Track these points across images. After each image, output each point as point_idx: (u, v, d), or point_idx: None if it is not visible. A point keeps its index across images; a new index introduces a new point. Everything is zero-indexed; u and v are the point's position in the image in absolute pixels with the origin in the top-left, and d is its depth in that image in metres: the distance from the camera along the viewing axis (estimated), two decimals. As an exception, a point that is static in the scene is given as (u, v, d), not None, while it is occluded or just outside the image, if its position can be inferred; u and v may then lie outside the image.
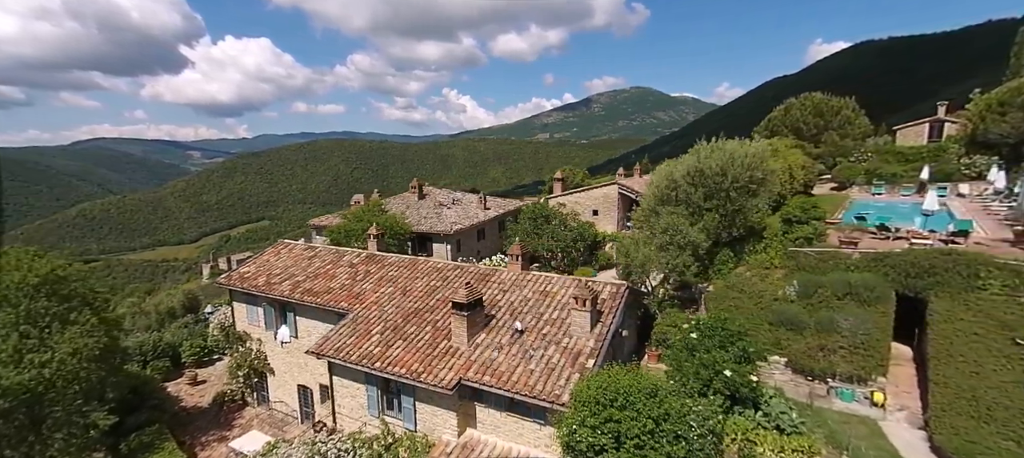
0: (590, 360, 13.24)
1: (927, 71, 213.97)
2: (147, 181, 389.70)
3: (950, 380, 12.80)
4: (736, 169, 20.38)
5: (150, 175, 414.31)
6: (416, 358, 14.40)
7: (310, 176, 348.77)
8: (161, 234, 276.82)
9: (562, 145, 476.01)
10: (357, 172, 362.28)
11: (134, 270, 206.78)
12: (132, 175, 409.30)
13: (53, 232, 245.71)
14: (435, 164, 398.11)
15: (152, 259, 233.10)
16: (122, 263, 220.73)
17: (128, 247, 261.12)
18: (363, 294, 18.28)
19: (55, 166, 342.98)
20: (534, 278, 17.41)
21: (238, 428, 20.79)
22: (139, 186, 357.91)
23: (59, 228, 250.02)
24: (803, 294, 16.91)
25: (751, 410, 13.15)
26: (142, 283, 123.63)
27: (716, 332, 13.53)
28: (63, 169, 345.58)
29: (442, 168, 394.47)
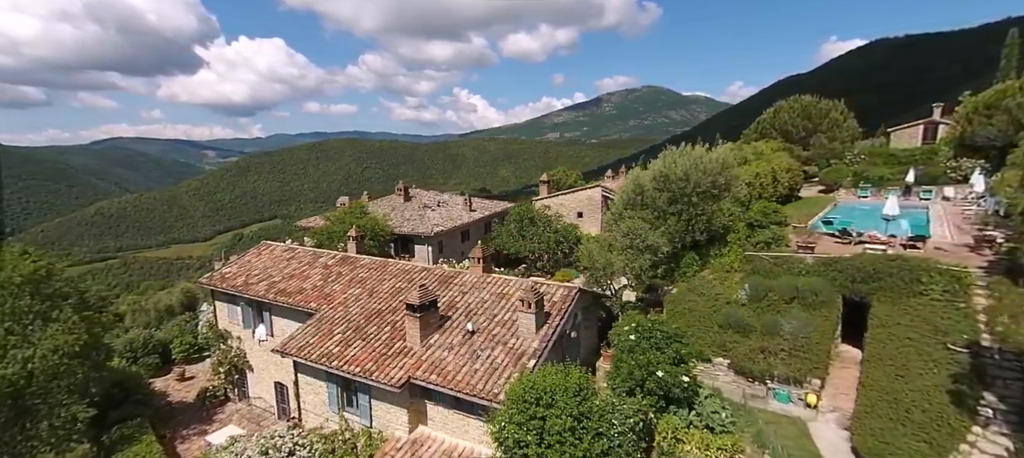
0: (531, 360, 13.81)
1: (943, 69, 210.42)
2: (163, 180, 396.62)
3: (877, 383, 13.16)
4: (698, 174, 20.77)
5: (166, 174, 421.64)
6: (371, 357, 15.09)
7: (322, 175, 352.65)
8: (176, 232, 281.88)
9: (572, 145, 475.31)
10: (367, 171, 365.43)
11: (149, 267, 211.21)
12: (148, 174, 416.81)
13: (72, 229, 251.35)
14: (445, 163, 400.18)
15: (167, 256, 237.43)
16: (138, 260, 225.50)
17: (144, 245, 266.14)
18: (332, 295, 19.04)
19: (74, 165, 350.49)
20: (493, 281, 18.00)
21: (217, 423, 21.65)
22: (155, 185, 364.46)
23: (78, 225, 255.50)
24: (754, 297, 17.30)
25: (685, 410, 13.62)
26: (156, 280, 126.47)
27: (653, 334, 14.01)
28: (82, 168, 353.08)
29: (452, 167, 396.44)
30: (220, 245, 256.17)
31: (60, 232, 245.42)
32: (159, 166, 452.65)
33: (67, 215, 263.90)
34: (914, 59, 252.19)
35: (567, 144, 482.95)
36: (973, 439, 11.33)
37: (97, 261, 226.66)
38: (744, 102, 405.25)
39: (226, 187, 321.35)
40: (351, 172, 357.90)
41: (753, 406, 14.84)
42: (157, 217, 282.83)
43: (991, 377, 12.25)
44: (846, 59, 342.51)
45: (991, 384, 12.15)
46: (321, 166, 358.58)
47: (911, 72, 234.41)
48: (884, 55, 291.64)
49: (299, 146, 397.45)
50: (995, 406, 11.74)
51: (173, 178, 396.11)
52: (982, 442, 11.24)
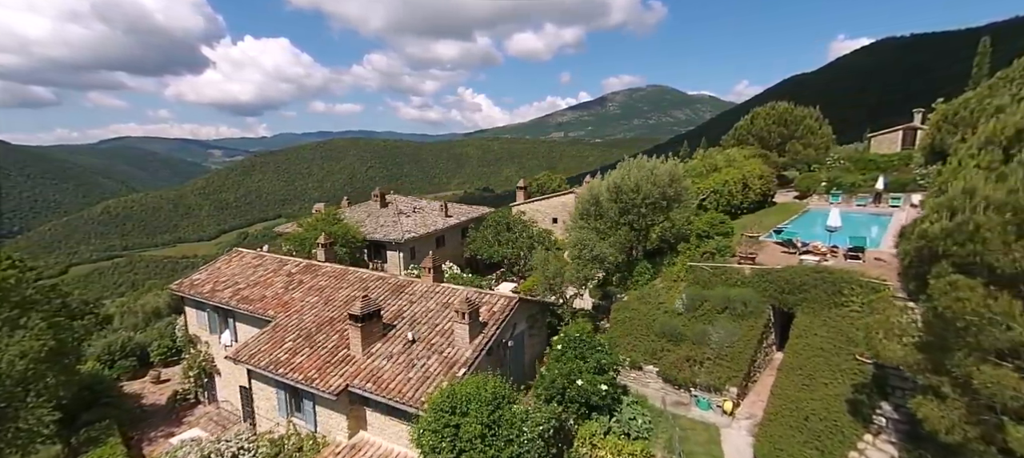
0: (462, 369, 14.48)
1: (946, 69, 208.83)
2: (170, 179, 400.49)
3: (785, 391, 13.73)
4: (648, 186, 21.34)
5: (173, 173, 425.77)
6: (315, 365, 15.80)
7: (326, 175, 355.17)
8: (182, 231, 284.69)
9: (575, 144, 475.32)
10: (372, 171, 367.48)
11: (155, 266, 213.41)
12: (155, 173, 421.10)
13: (79, 228, 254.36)
14: (449, 163, 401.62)
15: (172, 255, 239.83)
16: (143, 259, 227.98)
17: (150, 243, 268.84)
18: (290, 302, 19.78)
19: (82, 164, 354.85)
20: (442, 290, 18.66)
21: (186, 425, 22.46)
22: (162, 184, 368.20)
23: (85, 224, 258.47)
24: (690, 307, 17.87)
25: (606, 417, 14.24)
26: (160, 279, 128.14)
27: (578, 344, 14.64)
28: (90, 167, 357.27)
29: (456, 167, 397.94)
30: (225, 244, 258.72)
31: (67, 231, 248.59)
32: (166, 165, 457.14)
33: (74, 214, 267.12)
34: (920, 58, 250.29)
35: (571, 144, 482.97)
36: (863, 447, 11.90)
37: (103, 260, 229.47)
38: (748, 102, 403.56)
39: (231, 186, 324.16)
40: (356, 171, 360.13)
41: (676, 413, 15.43)
42: (163, 216, 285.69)
43: (892, 387, 12.78)
44: (852, 58, 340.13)
45: (891, 394, 12.69)
46: (326, 165, 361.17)
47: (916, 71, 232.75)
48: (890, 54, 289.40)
49: (304, 145, 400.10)
50: (889, 415, 12.29)
51: (180, 177, 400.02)
52: (871, 450, 11.79)
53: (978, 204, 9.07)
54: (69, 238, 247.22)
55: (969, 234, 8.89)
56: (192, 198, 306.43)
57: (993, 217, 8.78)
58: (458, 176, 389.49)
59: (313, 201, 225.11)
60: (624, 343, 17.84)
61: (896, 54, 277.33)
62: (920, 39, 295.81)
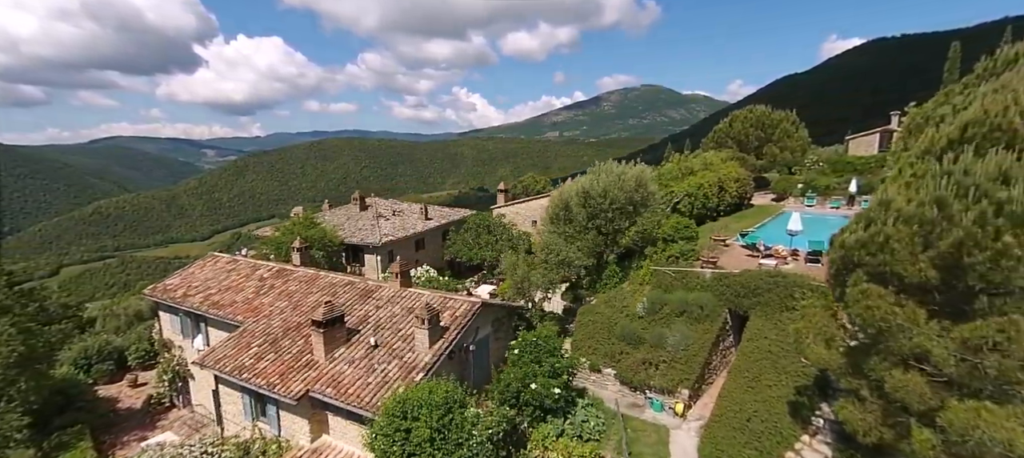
0: (420, 374, 14.81)
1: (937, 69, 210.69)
2: (162, 179, 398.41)
3: (731, 393, 14.15)
4: (615, 192, 21.73)
5: (165, 173, 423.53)
6: (278, 371, 16.08)
7: (320, 175, 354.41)
8: (174, 231, 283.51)
9: (570, 144, 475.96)
10: (366, 170, 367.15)
11: (147, 267, 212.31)
12: (148, 173, 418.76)
13: (70, 229, 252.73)
14: (443, 162, 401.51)
15: (165, 256, 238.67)
16: (135, 260, 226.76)
17: (143, 244, 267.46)
18: (260, 307, 20.05)
19: (73, 164, 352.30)
20: (408, 295, 18.98)
21: (159, 429, 22.68)
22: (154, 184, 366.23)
23: (76, 225, 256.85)
24: (651, 310, 18.27)
25: (560, 419, 14.62)
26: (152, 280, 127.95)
27: (534, 348, 15.00)
28: (81, 167, 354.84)
29: (450, 166, 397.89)
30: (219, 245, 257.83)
31: (58, 231, 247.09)
32: (159, 165, 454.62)
33: (65, 215, 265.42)
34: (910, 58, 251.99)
35: (566, 143, 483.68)
36: (800, 447, 12.32)
37: (94, 261, 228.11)
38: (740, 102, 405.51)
39: (224, 186, 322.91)
40: (350, 171, 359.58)
41: (631, 414, 15.83)
42: (155, 216, 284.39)
43: (832, 390, 13.21)
44: (844, 58, 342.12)
45: (831, 396, 13.12)
46: (320, 165, 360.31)
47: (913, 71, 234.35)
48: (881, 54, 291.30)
49: (298, 145, 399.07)
50: (826, 417, 12.72)
51: (173, 177, 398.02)
52: (806, 450, 12.21)
53: (891, 216, 9.49)
54: (60, 239, 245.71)
55: (880, 245, 9.30)
56: (185, 198, 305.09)
57: (902, 229, 9.19)
58: (453, 176, 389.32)
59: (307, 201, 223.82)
60: (585, 346, 18.23)
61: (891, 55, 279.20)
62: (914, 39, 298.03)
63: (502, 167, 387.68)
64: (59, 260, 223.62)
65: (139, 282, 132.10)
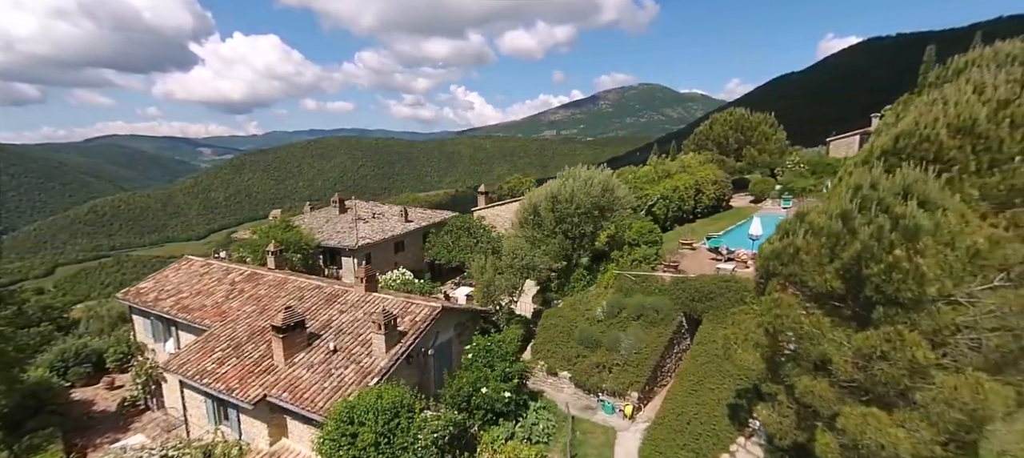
0: (374, 379, 15.14)
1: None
2: (159, 178, 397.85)
3: (675, 396, 14.51)
4: (581, 197, 22.06)
5: (162, 172, 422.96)
6: (238, 375, 16.39)
7: (317, 173, 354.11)
8: (170, 230, 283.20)
9: (568, 142, 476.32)
10: (363, 169, 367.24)
11: (143, 266, 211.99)
12: (144, 171, 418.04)
13: (65, 228, 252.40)
14: (441, 161, 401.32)
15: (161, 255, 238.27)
16: (131, 259, 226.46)
17: (138, 243, 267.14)
18: (228, 312, 20.35)
19: (69, 162, 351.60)
20: (372, 299, 19.27)
21: (132, 431, 22.99)
22: (150, 183, 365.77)
23: (72, 224, 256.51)
24: (610, 314, 18.62)
25: (511, 423, 14.97)
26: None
27: (487, 353, 15.34)
28: (77, 166, 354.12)
29: (448, 165, 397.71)
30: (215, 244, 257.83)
31: (53, 231, 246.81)
32: (155, 163, 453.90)
33: (60, 214, 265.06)
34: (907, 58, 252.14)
35: (563, 142, 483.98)
36: (734, 449, 12.68)
37: (90, 260, 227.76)
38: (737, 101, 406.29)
39: (221, 185, 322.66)
40: (347, 170, 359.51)
41: (583, 417, 16.18)
42: (151, 215, 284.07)
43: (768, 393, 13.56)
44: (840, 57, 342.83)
45: (768, 401, 13.47)
46: (317, 164, 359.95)
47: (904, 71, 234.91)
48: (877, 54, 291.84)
49: (294, 144, 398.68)
50: (762, 421, 13.07)
51: (169, 176, 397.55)
52: (741, 452, 12.57)
53: (803, 228, 9.84)
54: (55, 238, 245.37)
55: (791, 255, 9.65)
56: (181, 197, 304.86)
57: (812, 241, 9.55)
58: (450, 175, 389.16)
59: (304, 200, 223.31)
60: (545, 350, 18.58)
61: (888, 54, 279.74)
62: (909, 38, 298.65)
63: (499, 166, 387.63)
64: (54, 259, 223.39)
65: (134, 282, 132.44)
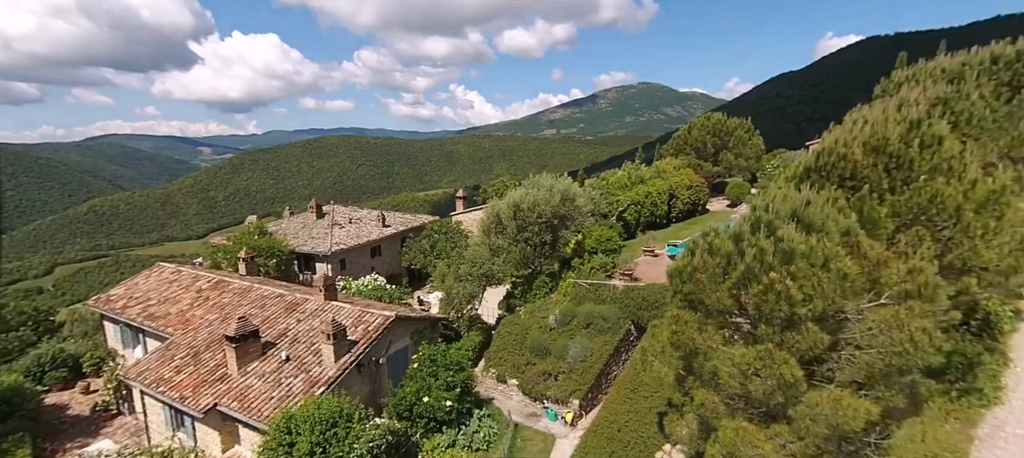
0: (321, 388, 15.57)
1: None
2: (158, 177, 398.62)
3: (611, 404, 14.93)
4: (541, 206, 22.48)
5: (161, 171, 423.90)
6: (192, 384, 16.84)
7: (316, 172, 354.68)
8: (169, 230, 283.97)
9: (567, 141, 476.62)
10: (362, 168, 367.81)
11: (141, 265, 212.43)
12: (143, 171, 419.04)
13: (64, 228, 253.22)
14: (440, 161, 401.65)
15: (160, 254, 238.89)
16: (130, 259, 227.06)
17: (137, 243, 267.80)
18: (191, 320, 20.79)
19: (68, 162, 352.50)
20: (330, 308, 19.68)
21: (103, 436, 23.45)
22: (149, 182, 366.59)
23: (71, 224, 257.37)
24: (562, 322, 19.03)
25: (454, 430, 15.40)
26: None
27: (431, 362, 15.76)
28: (76, 165, 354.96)
29: (447, 165, 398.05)
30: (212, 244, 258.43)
31: (52, 230, 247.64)
32: (154, 163, 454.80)
33: (59, 213, 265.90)
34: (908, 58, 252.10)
35: (562, 141, 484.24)
36: (660, 456, 13.10)
37: (89, 260, 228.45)
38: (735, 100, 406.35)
39: (220, 184, 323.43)
40: (345, 169, 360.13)
41: (527, 424, 16.61)
42: (150, 215, 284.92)
43: (699, 406, 14.00)
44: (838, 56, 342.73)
45: (699, 411, 13.90)
46: (316, 163, 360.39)
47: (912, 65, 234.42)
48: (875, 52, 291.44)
49: (293, 144, 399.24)
50: (689, 429, 13.49)
51: (168, 175, 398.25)
52: (665, 458, 13.02)
53: (703, 247, 10.25)
54: (54, 237, 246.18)
55: (689, 274, 10.07)
56: (180, 197, 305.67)
57: (709, 260, 9.96)
58: (449, 174, 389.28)
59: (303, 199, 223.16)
60: (498, 357, 18.99)
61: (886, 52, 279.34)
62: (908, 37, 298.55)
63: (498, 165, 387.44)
64: (53, 259, 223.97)
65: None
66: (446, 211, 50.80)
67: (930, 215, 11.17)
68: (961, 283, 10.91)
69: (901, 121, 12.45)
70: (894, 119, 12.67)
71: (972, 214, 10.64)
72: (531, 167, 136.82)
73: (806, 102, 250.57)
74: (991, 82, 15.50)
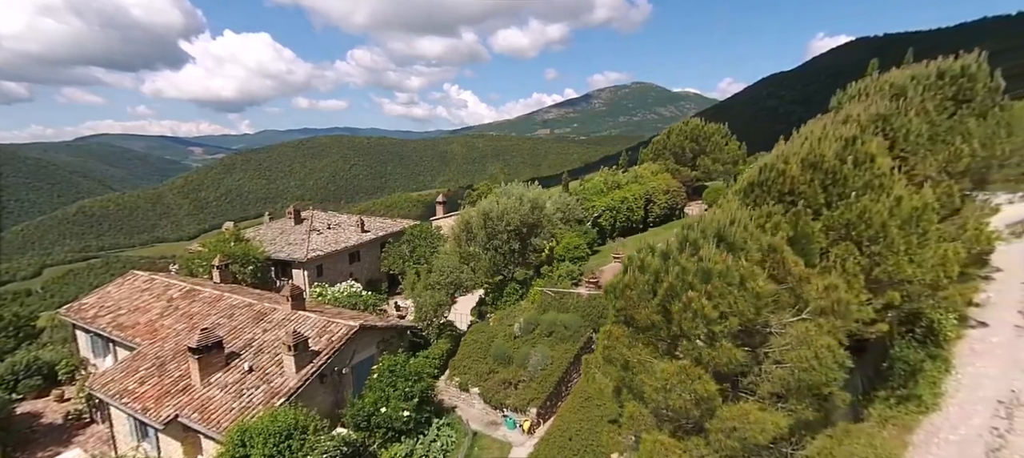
0: (280, 399, 15.78)
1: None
2: (149, 177, 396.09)
3: (566, 413, 15.26)
4: (510, 215, 22.76)
5: (152, 171, 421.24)
6: (155, 395, 16.98)
7: (308, 173, 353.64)
8: (160, 231, 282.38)
9: (560, 141, 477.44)
10: (355, 168, 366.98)
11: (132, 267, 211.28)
12: (134, 171, 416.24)
13: (53, 229, 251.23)
14: (433, 161, 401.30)
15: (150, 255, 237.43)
16: (120, 260, 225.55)
17: (127, 244, 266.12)
18: (159, 330, 20.92)
19: (57, 162, 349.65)
20: (297, 317, 19.87)
21: (75, 444, 23.54)
22: (140, 182, 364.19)
23: (60, 225, 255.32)
24: (526, 331, 19.32)
25: (412, 440, 15.66)
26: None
27: (390, 373, 16.01)
28: (65, 165, 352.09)
29: (441, 165, 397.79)
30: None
31: (41, 231, 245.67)
32: (145, 163, 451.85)
33: (49, 214, 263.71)
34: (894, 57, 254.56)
35: (556, 141, 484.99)
36: (608, 466, 13.47)
37: (78, 261, 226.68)
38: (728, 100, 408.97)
39: (211, 185, 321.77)
40: (338, 169, 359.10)
41: (486, 433, 16.90)
42: (141, 215, 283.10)
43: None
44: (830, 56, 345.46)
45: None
46: (308, 163, 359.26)
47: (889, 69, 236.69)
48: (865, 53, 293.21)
49: (286, 144, 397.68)
50: (636, 440, 13.85)
51: (159, 175, 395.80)
52: (613, 470, 13.35)
53: (634, 265, 10.56)
54: (43, 238, 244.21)
55: (620, 291, 10.38)
56: (171, 197, 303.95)
57: (639, 277, 10.27)
58: (443, 174, 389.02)
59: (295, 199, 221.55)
60: (462, 365, 19.26)
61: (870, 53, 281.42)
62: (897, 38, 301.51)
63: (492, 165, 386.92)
64: (42, 260, 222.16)
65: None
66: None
67: (859, 231, 11.53)
68: (887, 297, 11.28)
69: (838, 138, 12.82)
70: (832, 136, 13.03)
71: (896, 230, 11.00)
72: (525, 167, 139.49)
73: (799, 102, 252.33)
74: (937, 96, 15.87)
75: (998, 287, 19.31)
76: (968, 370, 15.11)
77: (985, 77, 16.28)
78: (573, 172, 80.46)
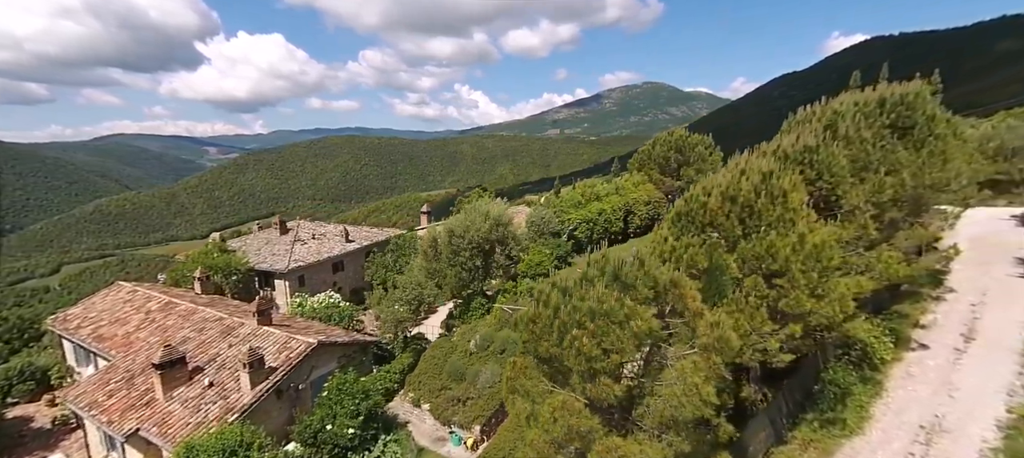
0: (234, 415, 16.50)
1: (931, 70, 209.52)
2: (164, 177, 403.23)
3: (505, 430, 15.75)
4: (472, 232, 23.31)
5: (167, 170, 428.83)
6: (121, 408, 17.81)
7: (320, 172, 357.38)
8: (174, 230, 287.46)
9: (570, 141, 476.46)
10: (366, 169, 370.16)
11: (146, 265, 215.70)
12: (150, 170, 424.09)
13: (71, 227, 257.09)
14: (443, 161, 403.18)
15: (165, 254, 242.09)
16: (135, 258, 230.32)
17: (143, 242, 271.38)
18: (135, 342, 21.81)
19: (75, 162, 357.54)
20: (262, 333, 20.62)
21: (61, 449, 24.57)
22: (156, 181, 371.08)
23: (77, 223, 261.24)
24: (481, 347, 19.85)
25: (358, 456, 16.28)
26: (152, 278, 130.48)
27: (338, 391, 16.65)
28: (83, 165, 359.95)
29: (450, 165, 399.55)
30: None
31: (59, 229, 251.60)
32: (160, 162, 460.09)
33: (66, 213, 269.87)
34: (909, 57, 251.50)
35: (566, 141, 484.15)
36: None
37: (95, 259, 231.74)
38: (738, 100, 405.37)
39: (225, 184, 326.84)
40: (349, 169, 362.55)
41: (433, 449, 17.45)
42: (156, 214, 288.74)
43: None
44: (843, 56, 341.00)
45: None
46: (320, 163, 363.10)
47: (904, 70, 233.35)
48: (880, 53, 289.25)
49: (298, 144, 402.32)
50: None
51: (174, 174, 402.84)
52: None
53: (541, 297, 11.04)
54: (61, 236, 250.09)
55: (526, 324, 10.88)
56: (185, 196, 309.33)
57: (542, 311, 10.75)
58: (452, 175, 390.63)
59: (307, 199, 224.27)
60: (418, 381, 19.85)
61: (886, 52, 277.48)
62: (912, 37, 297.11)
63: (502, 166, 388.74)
64: (60, 258, 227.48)
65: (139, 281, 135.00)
66: (446, 211, 51.61)
67: (767, 265, 11.92)
68: (789, 329, 11.65)
69: (757, 171, 13.20)
70: (754, 169, 13.42)
71: (798, 265, 11.37)
72: (535, 167, 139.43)
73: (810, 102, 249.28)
74: (874, 125, 16.11)
75: (948, 308, 19.44)
76: (899, 393, 15.36)
77: (924, 105, 16.48)
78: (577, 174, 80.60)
